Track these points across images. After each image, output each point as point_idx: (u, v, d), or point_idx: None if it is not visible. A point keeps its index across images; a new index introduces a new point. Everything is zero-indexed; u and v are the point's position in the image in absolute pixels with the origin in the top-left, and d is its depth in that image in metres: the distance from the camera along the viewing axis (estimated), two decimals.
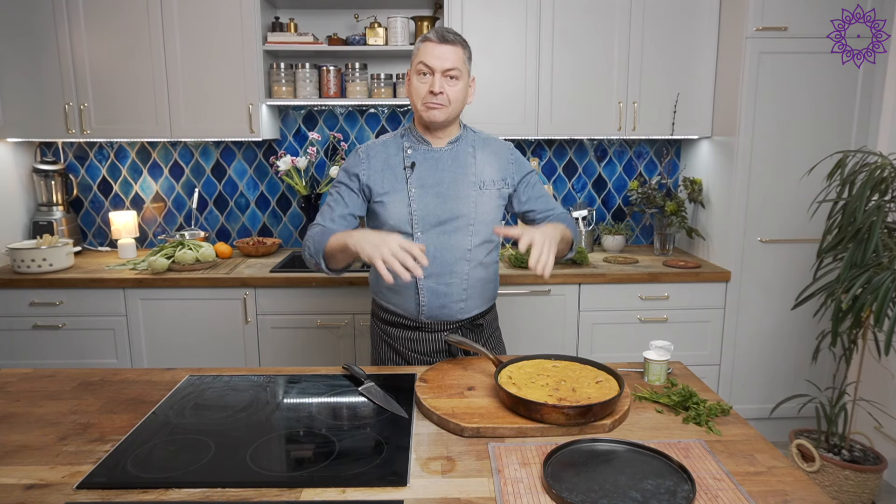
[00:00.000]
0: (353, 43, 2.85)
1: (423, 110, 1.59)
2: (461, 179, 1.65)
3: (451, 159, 1.66)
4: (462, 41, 1.60)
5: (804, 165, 2.64)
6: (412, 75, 1.61)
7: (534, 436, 1.23)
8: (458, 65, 1.57)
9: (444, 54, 1.55)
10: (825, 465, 2.34)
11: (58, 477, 1.09)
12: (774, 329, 2.82)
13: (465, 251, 1.65)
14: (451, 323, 1.70)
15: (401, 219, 1.62)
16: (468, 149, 1.68)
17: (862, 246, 2.19)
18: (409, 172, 1.63)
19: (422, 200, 1.62)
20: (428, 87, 1.57)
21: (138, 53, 2.73)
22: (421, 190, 1.62)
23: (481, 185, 1.66)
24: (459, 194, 1.63)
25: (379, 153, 1.67)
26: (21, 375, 1.57)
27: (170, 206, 3.22)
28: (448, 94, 1.57)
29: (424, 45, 1.57)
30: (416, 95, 1.59)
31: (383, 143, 1.69)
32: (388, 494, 1.03)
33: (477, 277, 1.69)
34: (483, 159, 1.69)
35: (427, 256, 1.52)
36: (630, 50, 2.79)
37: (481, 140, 1.73)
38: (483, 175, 1.67)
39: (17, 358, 2.67)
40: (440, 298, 1.66)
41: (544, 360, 1.49)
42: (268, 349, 2.69)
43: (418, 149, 1.66)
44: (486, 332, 1.79)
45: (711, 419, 1.30)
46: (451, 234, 1.64)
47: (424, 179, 1.63)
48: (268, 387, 1.48)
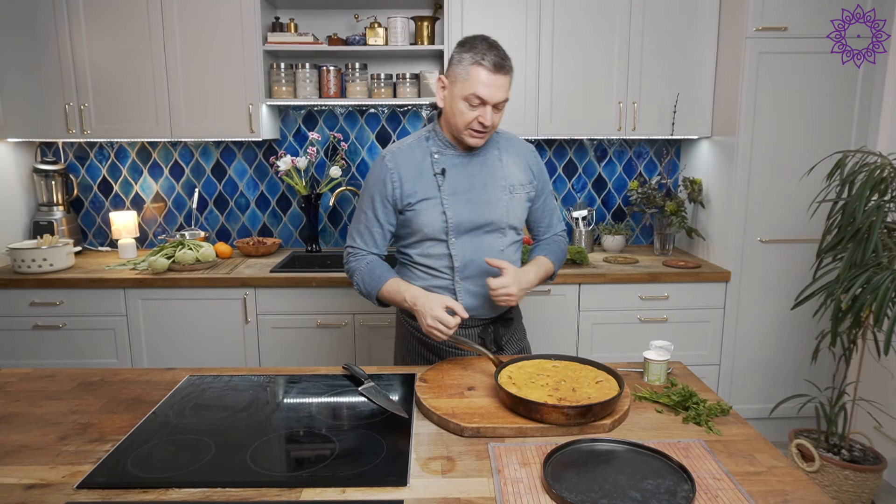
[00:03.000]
0: (353, 43, 2.85)
1: (466, 135, 1.56)
2: (491, 184, 1.63)
3: (479, 164, 1.64)
4: (511, 66, 1.54)
5: (804, 165, 2.64)
6: (457, 99, 1.53)
7: (534, 436, 1.23)
8: (507, 95, 1.54)
9: (499, 85, 1.50)
10: (825, 465, 2.34)
11: (58, 477, 1.09)
12: (774, 329, 2.82)
13: (498, 252, 1.66)
14: (484, 319, 1.72)
15: (435, 227, 1.60)
16: (494, 151, 1.67)
17: (861, 246, 2.19)
18: (441, 179, 1.60)
19: (456, 207, 1.60)
20: (476, 117, 1.52)
21: (138, 53, 2.73)
22: (453, 197, 1.60)
23: (511, 188, 1.65)
24: (491, 199, 1.63)
25: (406, 159, 1.62)
26: (21, 375, 1.57)
27: (170, 206, 3.22)
28: (494, 123, 1.55)
29: (477, 72, 1.49)
30: (461, 120, 1.54)
31: (409, 147, 1.64)
32: (388, 494, 1.03)
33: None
34: (509, 162, 1.68)
35: (462, 260, 1.61)
36: (630, 50, 2.79)
37: (505, 141, 1.72)
38: (511, 178, 1.66)
39: (18, 358, 2.67)
40: (476, 299, 1.66)
41: (544, 360, 1.50)
42: (268, 349, 2.69)
43: (446, 153, 1.63)
44: (514, 325, 1.81)
45: (711, 419, 1.31)
46: (483, 237, 1.64)
47: (456, 186, 1.61)
48: (268, 387, 1.48)
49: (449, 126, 1.60)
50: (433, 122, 1.67)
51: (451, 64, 1.55)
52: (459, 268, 1.63)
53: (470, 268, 1.64)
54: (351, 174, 3.20)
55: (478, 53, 1.49)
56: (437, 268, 1.65)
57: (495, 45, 1.53)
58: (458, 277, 1.64)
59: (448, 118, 1.59)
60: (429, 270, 1.66)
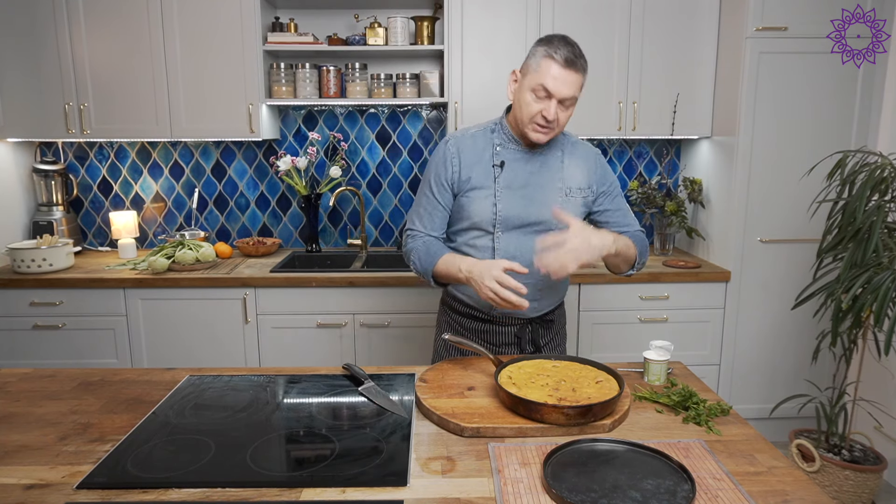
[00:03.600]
0: (353, 43, 2.85)
1: (529, 129, 1.56)
2: (548, 185, 1.63)
3: (540, 163, 1.64)
4: (585, 66, 1.53)
5: (804, 165, 2.64)
6: (525, 90, 1.53)
7: (534, 436, 1.23)
8: (576, 93, 1.53)
9: (568, 81, 1.49)
10: (825, 465, 2.34)
11: (58, 477, 1.09)
12: (774, 329, 2.82)
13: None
14: (521, 318, 1.71)
15: (484, 217, 1.61)
16: (557, 153, 1.66)
17: (862, 246, 2.19)
18: (498, 171, 1.61)
19: (507, 201, 1.60)
20: (541, 109, 1.51)
21: (138, 53, 2.73)
22: (507, 191, 1.60)
23: (568, 191, 1.64)
24: (545, 199, 1.61)
25: (469, 147, 1.64)
26: (21, 375, 1.57)
27: (170, 206, 3.22)
28: (559, 120, 1.54)
29: (547, 65, 1.49)
30: (526, 111, 1.54)
31: (472, 136, 1.66)
32: (388, 494, 1.03)
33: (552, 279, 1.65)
34: (571, 164, 1.66)
35: (505, 255, 1.60)
36: (630, 50, 2.79)
37: (570, 144, 1.70)
38: (570, 182, 1.64)
39: (18, 358, 2.67)
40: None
41: (544, 360, 1.50)
42: (268, 349, 2.69)
43: (508, 147, 1.63)
44: (555, 327, 1.79)
45: (711, 419, 1.31)
46: (531, 236, 1.62)
47: (511, 180, 1.61)
48: (268, 387, 1.48)
49: (515, 119, 1.61)
50: (502, 116, 1.68)
51: (527, 58, 1.56)
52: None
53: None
54: (351, 174, 3.20)
55: (552, 48, 1.50)
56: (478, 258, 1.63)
57: (572, 42, 1.53)
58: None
59: (515, 110, 1.59)
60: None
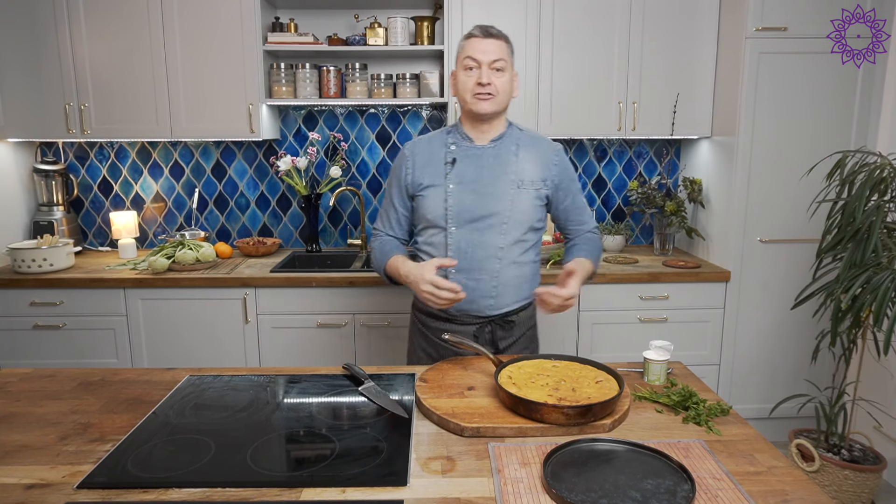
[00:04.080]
0: (353, 43, 2.85)
1: (472, 102, 1.63)
2: (500, 177, 1.67)
3: (492, 157, 1.69)
4: (505, 36, 1.66)
5: (804, 165, 2.64)
6: (459, 72, 1.66)
7: (534, 436, 1.23)
8: (503, 56, 1.62)
9: (489, 47, 1.61)
10: (825, 465, 2.34)
11: (58, 477, 1.09)
12: (774, 329, 2.82)
13: (497, 249, 1.67)
14: (480, 317, 1.72)
15: (437, 213, 1.67)
16: (511, 147, 1.70)
17: (861, 246, 2.19)
18: (449, 168, 1.68)
19: (458, 196, 1.66)
20: (475, 79, 1.61)
21: (138, 53, 2.73)
22: (459, 186, 1.66)
23: (520, 183, 1.67)
24: (496, 192, 1.66)
25: (423, 149, 1.73)
26: (21, 375, 1.57)
27: (170, 206, 3.22)
28: (495, 85, 1.61)
29: (469, 42, 1.63)
30: (464, 89, 1.64)
31: (429, 139, 1.75)
32: (388, 494, 1.03)
33: (509, 276, 1.70)
34: (525, 157, 1.70)
35: (458, 251, 1.66)
36: (630, 50, 2.79)
37: (528, 138, 1.74)
38: (522, 174, 1.68)
39: (18, 358, 2.67)
40: (469, 293, 1.67)
41: (544, 360, 1.50)
42: (268, 349, 2.69)
43: (461, 145, 1.70)
44: (518, 330, 1.79)
45: (711, 419, 1.31)
46: (483, 231, 1.66)
47: (463, 176, 1.67)
48: (268, 387, 1.48)
49: (462, 108, 1.69)
50: (458, 119, 1.76)
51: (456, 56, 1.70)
52: (454, 257, 1.67)
53: (465, 260, 1.66)
54: (351, 174, 3.20)
55: (468, 32, 1.66)
56: (435, 256, 1.70)
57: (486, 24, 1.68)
58: (452, 270, 1.68)
59: (459, 98, 1.68)
60: (428, 258, 1.71)
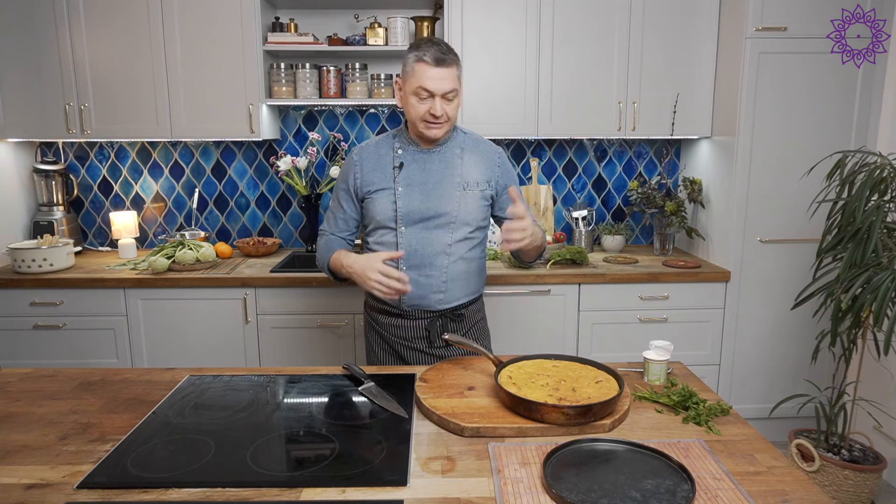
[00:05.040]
0: (353, 43, 2.85)
1: (423, 128, 1.67)
2: (446, 180, 1.73)
3: (438, 160, 1.74)
4: (455, 59, 1.64)
5: (804, 165, 2.64)
6: (409, 95, 1.65)
7: (534, 436, 1.23)
8: (455, 85, 1.63)
9: (443, 77, 1.60)
10: (825, 465, 2.34)
11: (58, 477, 1.09)
12: (774, 329, 2.82)
13: (446, 246, 1.73)
14: (431, 312, 1.79)
15: (386, 215, 1.72)
16: (456, 150, 1.76)
17: (861, 246, 2.19)
18: (397, 172, 1.73)
19: (407, 198, 1.71)
20: (427, 108, 1.63)
21: (138, 53, 2.73)
22: (407, 188, 1.71)
23: (465, 185, 1.74)
24: (443, 194, 1.72)
25: (371, 154, 1.77)
26: (21, 375, 1.57)
27: (170, 206, 3.22)
28: (447, 113, 1.65)
29: (420, 68, 1.61)
30: (414, 113, 1.65)
31: (376, 143, 1.79)
32: (388, 494, 1.03)
33: (458, 271, 1.77)
34: (470, 160, 1.76)
35: (408, 250, 1.71)
36: (630, 50, 2.79)
37: (472, 141, 1.80)
38: (468, 176, 1.74)
39: (18, 358, 2.67)
40: (420, 289, 1.74)
41: (544, 359, 1.50)
42: (268, 349, 2.69)
43: (408, 149, 1.75)
44: (467, 323, 1.86)
45: (711, 419, 1.31)
46: (432, 230, 1.72)
47: (411, 179, 1.72)
48: (268, 387, 1.48)
49: (412, 127, 1.72)
50: (403, 122, 1.79)
51: (402, 66, 1.68)
52: (405, 256, 1.72)
53: (415, 257, 1.72)
54: None
55: (420, 51, 1.62)
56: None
57: (438, 42, 1.64)
58: (403, 266, 1.73)
59: (406, 115, 1.71)
60: None
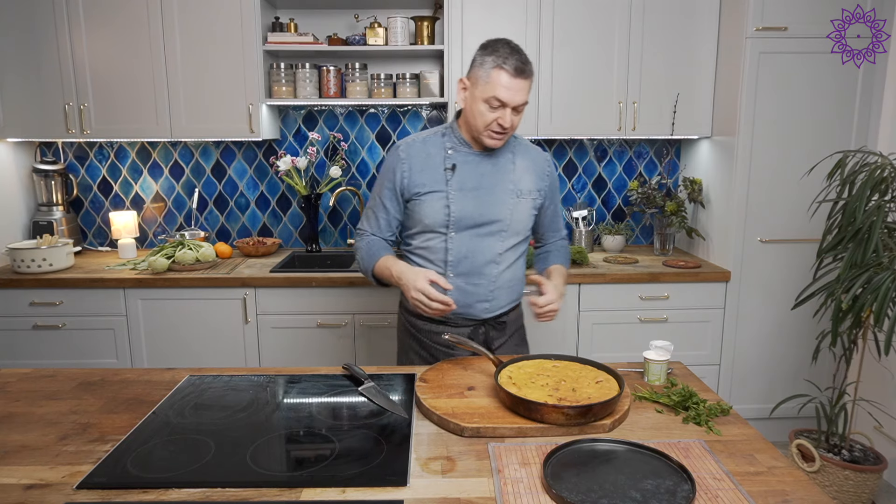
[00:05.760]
0: (353, 43, 2.85)
1: (486, 136, 1.59)
2: (500, 186, 1.66)
3: (491, 164, 1.67)
4: (532, 70, 1.57)
5: (804, 165, 2.64)
6: (478, 100, 1.56)
7: (534, 436, 1.23)
8: (527, 98, 1.57)
9: (520, 89, 1.53)
10: (825, 465, 2.34)
11: (58, 477, 1.09)
12: (774, 329, 2.82)
13: (496, 255, 1.67)
14: (475, 320, 1.72)
15: (436, 219, 1.64)
16: (508, 155, 1.69)
17: (862, 246, 2.19)
18: (450, 174, 1.64)
19: (460, 203, 1.63)
20: (496, 118, 1.55)
21: (138, 53, 2.73)
22: (460, 193, 1.63)
23: (519, 192, 1.67)
24: (497, 200, 1.65)
25: (419, 152, 1.67)
26: (21, 375, 1.57)
27: (170, 206, 3.22)
28: (513, 125, 1.58)
29: (497, 76, 1.52)
30: (481, 120, 1.57)
31: (423, 140, 1.69)
32: (388, 494, 1.03)
33: (505, 279, 1.71)
34: (522, 167, 1.70)
35: (457, 256, 1.64)
36: (630, 50, 2.79)
37: (521, 147, 1.73)
38: (521, 183, 1.68)
39: (17, 358, 2.67)
40: (467, 297, 1.68)
41: (544, 360, 1.50)
42: (268, 349, 2.69)
43: (460, 150, 1.66)
44: (509, 330, 1.80)
45: (711, 419, 1.31)
46: (484, 237, 1.66)
47: (464, 182, 1.64)
48: (268, 387, 1.48)
49: (468, 126, 1.64)
50: (452, 120, 1.71)
51: (473, 66, 1.59)
52: (453, 262, 1.66)
53: (464, 264, 1.66)
54: (351, 174, 3.20)
55: (500, 57, 1.52)
56: (433, 260, 1.68)
57: (517, 49, 1.56)
58: (451, 272, 1.67)
59: (468, 119, 1.62)
60: (424, 262, 1.70)
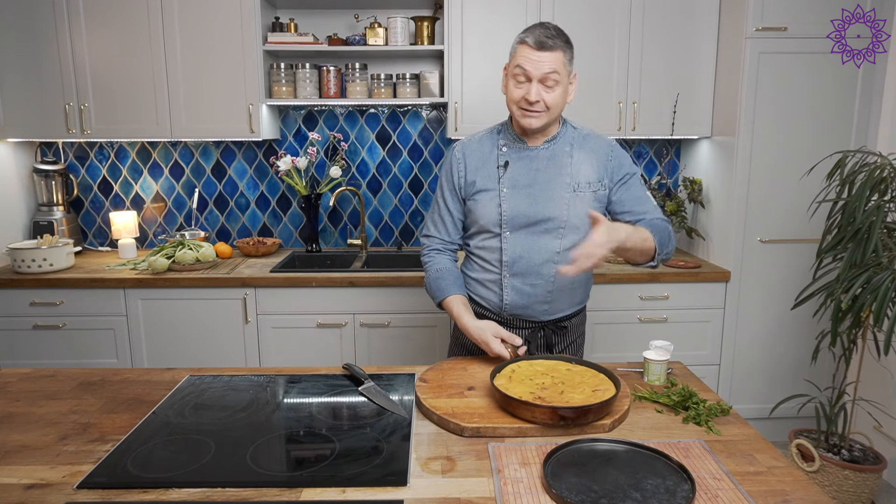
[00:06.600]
0: (353, 43, 2.85)
1: (518, 115, 1.56)
2: (555, 180, 1.60)
3: (546, 159, 1.61)
4: (562, 44, 1.50)
5: (804, 165, 2.64)
6: (508, 77, 1.55)
7: (534, 436, 1.23)
8: (557, 69, 1.49)
9: (543, 60, 1.48)
10: (825, 465, 2.34)
11: (58, 477, 1.09)
12: (774, 329, 2.82)
13: (554, 254, 1.61)
14: (533, 322, 1.69)
15: (490, 218, 1.62)
16: (565, 148, 1.62)
17: (861, 246, 2.19)
18: (502, 171, 1.61)
19: (512, 201, 1.59)
20: (524, 93, 1.51)
21: (138, 53, 2.73)
22: (513, 190, 1.60)
23: (576, 186, 1.60)
24: (552, 196, 1.59)
25: (475, 151, 1.66)
26: (21, 375, 1.57)
27: (170, 206, 3.22)
28: (545, 101, 1.51)
29: (521, 49, 1.51)
30: (511, 99, 1.55)
31: (479, 139, 1.68)
32: (388, 494, 1.03)
33: (565, 280, 1.63)
34: (580, 159, 1.61)
35: (513, 256, 1.60)
36: (630, 50, 2.79)
37: (581, 137, 1.65)
38: (578, 176, 1.60)
39: (18, 358, 2.67)
40: (524, 298, 1.64)
41: (560, 361, 1.47)
42: (268, 349, 2.69)
43: (513, 147, 1.62)
44: (570, 336, 1.75)
45: (711, 419, 1.31)
46: (540, 235, 1.60)
47: (517, 179, 1.60)
48: (268, 387, 1.48)
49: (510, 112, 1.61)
50: (508, 117, 1.66)
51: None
52: (508, 262, 1.62)
53: (519, 264, 1.62)
54: (351, 174, 3.20)
55: (525, 33, 1.52)
56: (490, 260, 1.66)
57: (547, 25, 1.52)
58: (506, 273, 1.63)
59: (508, 105, 1.59)
60: (482, 262, 1.68)
